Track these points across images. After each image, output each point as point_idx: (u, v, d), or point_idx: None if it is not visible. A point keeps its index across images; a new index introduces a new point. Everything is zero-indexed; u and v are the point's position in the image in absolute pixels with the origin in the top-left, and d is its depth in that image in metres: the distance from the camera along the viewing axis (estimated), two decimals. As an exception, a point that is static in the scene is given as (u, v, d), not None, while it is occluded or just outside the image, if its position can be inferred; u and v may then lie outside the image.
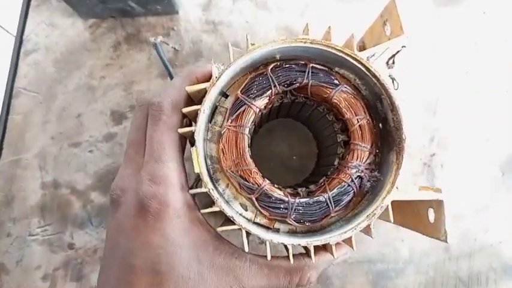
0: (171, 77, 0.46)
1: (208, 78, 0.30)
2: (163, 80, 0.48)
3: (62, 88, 0.49)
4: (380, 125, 0.32)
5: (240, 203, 0.31)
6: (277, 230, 0.30)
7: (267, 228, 0.31)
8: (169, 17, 0.49)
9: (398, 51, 0.33)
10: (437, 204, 0.28)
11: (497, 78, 0.49)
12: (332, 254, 0.30)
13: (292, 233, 0.31)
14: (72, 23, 0.50)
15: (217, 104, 0.32)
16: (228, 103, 0.31)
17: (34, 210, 0.47)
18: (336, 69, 0.32)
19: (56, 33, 0.50)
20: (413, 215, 0.34)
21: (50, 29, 0.50)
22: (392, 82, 0.35)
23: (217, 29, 0.49)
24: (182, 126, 0.30)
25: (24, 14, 0.49)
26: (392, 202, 0.29)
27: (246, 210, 0.31)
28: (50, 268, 0.46)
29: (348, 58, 0.29)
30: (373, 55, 0.30)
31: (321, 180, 0.31)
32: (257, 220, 0.31)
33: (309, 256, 0.30)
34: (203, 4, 0.50)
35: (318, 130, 0.40)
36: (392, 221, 0.28)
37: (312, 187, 0.31)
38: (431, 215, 0.30)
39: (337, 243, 0.31)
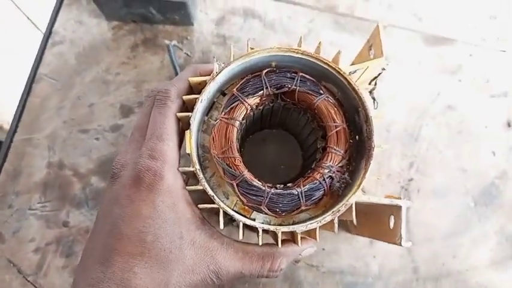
0: None
1: (210, 74, 0.34)
2: (171, 82, 0.53)
3: (80, 79, 0.54)
4: (357, 137, 0.36)
5: (222, 191, 0.35)
6: (253, 220, 0.34)
7: (244, 216, 0.34)
8: (185, 28, 0.55)
9: (379, 74, 0.38)
10: (397, 210, 0.32)
11: (477, 115, 0.53)
12: (297, 243, 0.33)
13: (267, 224, 0.34)
14: (97, 23, 0.55)
15: (215, 100, 0.36)
16: (225, 100, 0.35)
17: (37, 186, 0.51)
18: (323, 82, 0.36)
19: (82, 30, 0.55)
20: (377, 224, 0.37)
21: (77, 25, 0.55)
22: (373, 102, 0.39)
23: (226, 43, 0.54)
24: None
25: (56, 10, 0.55)
26: (360, 213, 0.33)
27: (227, 198, 0.35)
28: (43, 242, 0.49)
29: (332, 71, 0.33)
30: (355, 71, 0.34)
31: (298, 179, 0.35)
32: (235, 208, 0.34)
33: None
34: (216, 19, 0.55)
35: (303, 138, 0.44)
36: (355, 220, 0.32)
37: (290, 185, 0.35)
38: (391, 221, 0.33)
39: (304, 238, 0.34)
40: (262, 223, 0.34)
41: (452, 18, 0.57)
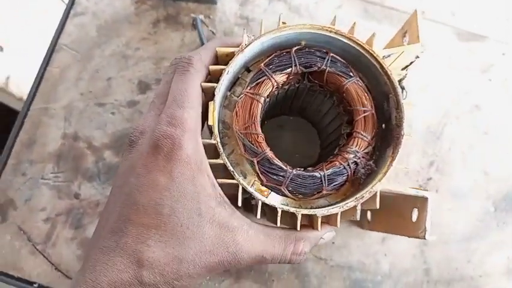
0: None
1: (237, 47, 0.33)
2: (192, 61, 0.52)
3: (100, 52, 0.53)
4: (383, 125, 0.35)
5: (240, 170, 0.34)
6: None
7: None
8: (208, 6, 0.54)
9: (412, 62, 0.36)
10: (422, 202, 0.30)
11: (506, 117, 0.52)
12: (317, 228, 0.32)
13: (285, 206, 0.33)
14: (121, -4, 0.54)
15: (240, 76, 0.35)
16: (249, 77, 0.34)
17: (51, 156, 0.50)
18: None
19: (105, 2, 0.54)
20: (396, 217, 0.36)
21: (101, -3, 0.54)
22: (402, 91, 0.38)
23: (249, 24, 0.53)
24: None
25: (81, -20, 0.54)
26: (381, 208, 0.31)
27: (245, 178, 0.34)
28: (53, 212, 0.49)
29: (365, 53, 0.32)
30: (389, 56, 0.33)
31: (320, 164, 0.34)
32: (252, 189, 0.33)
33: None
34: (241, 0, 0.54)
35: (323, 126, 0.43)
36: (377, 207, 0.30)
37: (310, 168, 0.34)
38: (414, 214, 0.32)
39: (323, 223, 0.33)
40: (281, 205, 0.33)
41: (487, 14, 0.55)
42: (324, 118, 0.42)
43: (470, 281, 0.48)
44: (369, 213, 0.45)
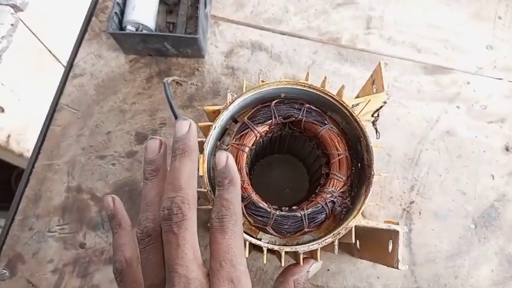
0: (175, 116, 0.45)
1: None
2: (184, 111, 0.56)
3: (98, 108, 0.57)
4: (359, 164, 0.39)
5: None
6: (259, 239, 0.36)
7: (251, 236, 0.36)
8: (196, 60, 0.59)
9: (381, 107, 0.40)
10: (395, 235, 0.34)
11: (476, 140, 0.56)
12: (300, 263, 0.35)
13: (272, 244, 0.36)
14: (115, 56, 0.59)
15: (228, 127, 0.39)
16: (236, 127, 0.38)
17: (56, 209, 0.54)
18: (329, 113, 0.39)
19: (101, 63, 0.59)
20: (378, 248, 0.39)
21: (97, 59, 0.59)
22: (376, 132, 0.42)
23: (234, 73, 0.58)
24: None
25: (78, 44, 0.59)
26: (362, 236, 0.35)
27: (238, 219, 0.37)
28: (60, 263, 0.51)
29: (336, 103, 0.36)
30: (358, 104, 0.37)
31: (302, 203, 0.37)
32: (243, 228, 0.37)
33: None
34: (226, 52, 0.59)
35: (309, 164, 0.47)
36: (353, 240, 0.34)
37: (294, 207, 0.38)
38: (390, 245, 0.36)
39: (306, 258, 0.36)
40: (268, 243, 0.37)
41: (450, 49, 0.60)
42: (308, 158, 0.46)
43: (460, 296, 0.51)
44: (357, 242, 0.48)
